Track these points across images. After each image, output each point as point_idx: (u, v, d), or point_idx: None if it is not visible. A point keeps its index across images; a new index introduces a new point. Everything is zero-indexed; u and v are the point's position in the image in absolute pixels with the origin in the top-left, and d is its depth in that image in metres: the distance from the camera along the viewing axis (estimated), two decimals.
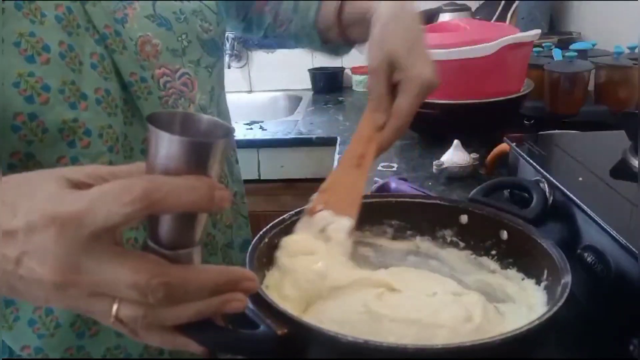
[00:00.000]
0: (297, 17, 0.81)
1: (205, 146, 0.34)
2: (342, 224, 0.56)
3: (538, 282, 0.52)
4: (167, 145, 0.34)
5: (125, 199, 0.32)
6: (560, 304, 0.43)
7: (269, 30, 0.86)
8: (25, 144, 0.53)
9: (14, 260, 0.34)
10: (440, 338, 0.45)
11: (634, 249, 0.49)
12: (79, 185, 0.35)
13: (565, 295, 0.44)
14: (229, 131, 0.36)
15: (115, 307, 0.35)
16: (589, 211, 0.56)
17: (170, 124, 0.35)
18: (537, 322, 0.41)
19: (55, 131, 0.54)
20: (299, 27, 0.81)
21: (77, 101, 0.55)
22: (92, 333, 0.61)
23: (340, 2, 0.75)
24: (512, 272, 0.56)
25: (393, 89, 0.61)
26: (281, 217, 0.57)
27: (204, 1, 0.69)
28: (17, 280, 0.35)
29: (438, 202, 0.62)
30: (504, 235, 0.57)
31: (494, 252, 0.58)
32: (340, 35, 0.78)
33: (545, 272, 0.51)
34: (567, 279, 0.46)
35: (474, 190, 0.65)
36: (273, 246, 0.55)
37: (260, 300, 0.43)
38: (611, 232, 0.52)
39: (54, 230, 0.33)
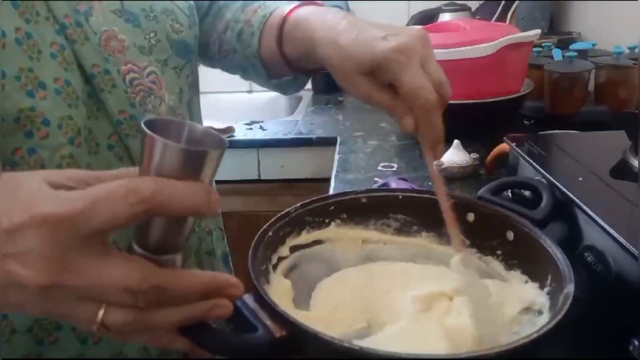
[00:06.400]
0: (241, 47, 0.78)
1: (202, 155, 0.35)
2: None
3: (542, 287, 0.51)
4: (164, 152, 0.34)
5: (132, 199, 0.32)
6: (561, 315, 0.42)
7: (214, 60, 0.84)
8: None
9: None
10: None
11: (634, 249, 0.49)
12: (60, 188, 0.34)
13: (567, 306, 0.43)
14: (223, 143, 0.37)
15: (101, 312, 0.34)
16: (589, 211, 0.56)
17: (164, 131, 0.35)
18: (535, 335, 0.40)
19: (11, 120, 0.52)
20: (243, 57, 0.78)
21: (35, 89, 0.53)
22: (52, 340, 0.58)
23: (280, 29, 0.70)
24: (516, 274, 0.55)
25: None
26: (286, 210, 0.56)
27: (175, 2, 0.68)
28: None
29: None
30: (510, 235, 0.56)
31: (499, 252, 0.58)
32: (288, 67, 0.73)
33: (550, 277, 0.50)
34: (570, 288, 0.45)
35: (483, 189, 0.63)
36: (278, 239, 0.55)
37: (260, 301, 0.43)
38: (611, 232, 0.52)
39: (46, 229, 0.32)
